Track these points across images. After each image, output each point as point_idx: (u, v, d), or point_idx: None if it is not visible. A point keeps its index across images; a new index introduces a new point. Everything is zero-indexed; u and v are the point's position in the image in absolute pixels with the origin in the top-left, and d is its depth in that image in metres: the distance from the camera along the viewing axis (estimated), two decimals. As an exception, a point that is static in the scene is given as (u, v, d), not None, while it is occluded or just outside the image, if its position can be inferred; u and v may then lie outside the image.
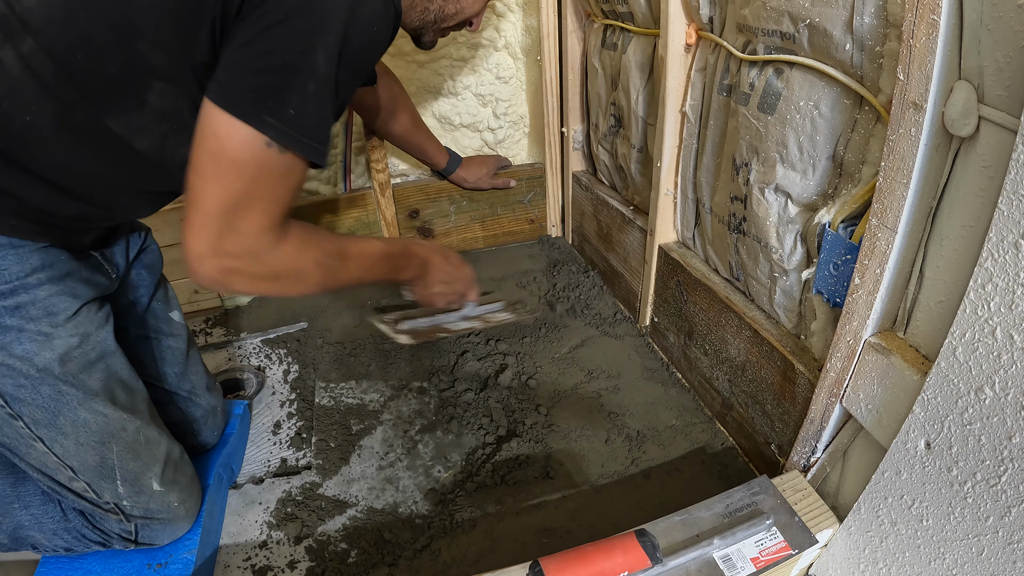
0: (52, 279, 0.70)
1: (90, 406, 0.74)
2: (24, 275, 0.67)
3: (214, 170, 0.63)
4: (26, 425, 0.71)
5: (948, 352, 0.56)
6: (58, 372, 0.71)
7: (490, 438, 1.07)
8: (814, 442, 0.80)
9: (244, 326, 1.42)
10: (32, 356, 0.69)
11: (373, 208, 1.52)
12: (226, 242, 0.65)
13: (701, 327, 1.07)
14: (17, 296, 0.67)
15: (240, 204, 0.64)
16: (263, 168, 0.63)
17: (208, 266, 0.66)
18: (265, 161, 0.63)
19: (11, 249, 0.66)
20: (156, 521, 0.82)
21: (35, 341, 0.69)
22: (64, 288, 0.71)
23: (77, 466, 0.75)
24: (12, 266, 0.66)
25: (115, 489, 0.78)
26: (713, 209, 1.00)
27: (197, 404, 0.96)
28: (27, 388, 0.70)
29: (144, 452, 0.80)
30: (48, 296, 0.69)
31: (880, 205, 0.61)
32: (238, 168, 0.62)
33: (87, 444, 0.75)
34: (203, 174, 0.63)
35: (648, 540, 0.71)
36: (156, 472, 0.81)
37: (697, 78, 0.97)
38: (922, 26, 0.52)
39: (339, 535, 0.92)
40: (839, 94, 0.70)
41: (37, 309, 0.69)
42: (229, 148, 0.61)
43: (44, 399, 0.71)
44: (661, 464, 1.01)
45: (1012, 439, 0.52)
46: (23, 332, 0.68)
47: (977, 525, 0.57)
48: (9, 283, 0.66)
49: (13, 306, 0.67)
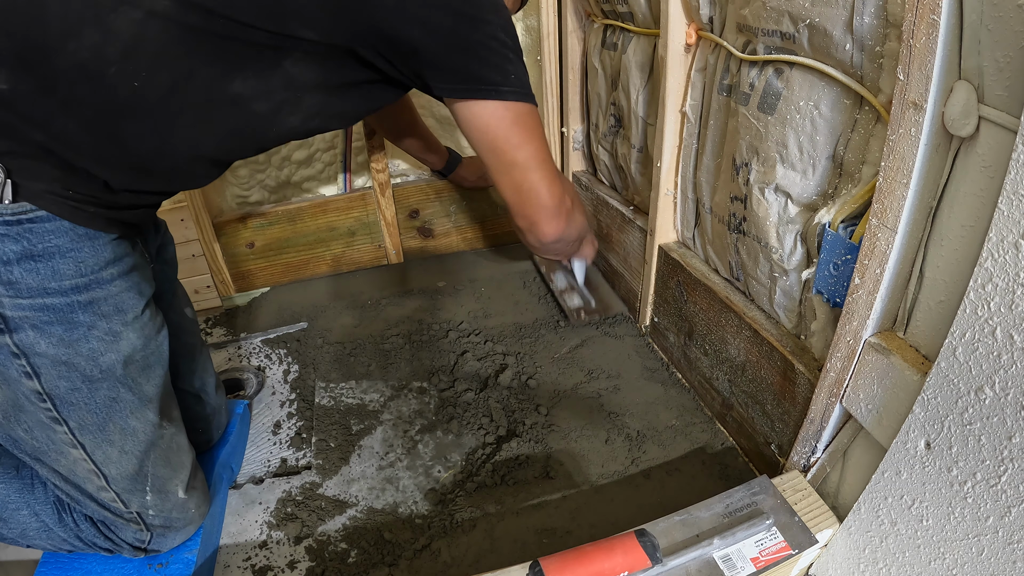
0: (123, 274, 0.69)
1: (142, 414, 0.73)
2: (99, 268, 0.66)
3: (518, 145, 0.83)
4: (70, 431, 0.69)
5: (948, 352, 0.56)
6: (120, 374, 0.69)
7: (490, 438, 1.07)
8: (814, 442, 0.80)
9: (244, 326, 1.42)
10: (98, 356, 0.67)
11: (373, 208, 1.52)
12: (566, 190, 0.93)
13: (701, 327, 1.07)
14: (92, 291, 0.65)
15: (550, 158, 0.88)
16: (536, 119, 0.84)
17: (565, 218, 0.93)
18: (532, 114, 0.83)
19: (88, 240, 0.64)
20: (172, 529, 0.81)
21: (103, 340, 0.67)
22: (132, 284, 0.70)
23: (113, 474, 0.73)
24: (89, 258, 0.64)
25: (143, 498, 0.77)
26: (713, 209, 1.00)
27: (206, 402, 0.96)
28: (83, 392, 0.68)
29: (175, 459, 0.79)
30: (120, 292, 0.68)
31: (880, 205, 0.61)
32: (530, 130, 0.83)
33: (131, 452, 0.74)
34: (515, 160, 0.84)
35: (648, 540, 0.71)
36: (182, 479, 0.80)
37: (697, 78, 0.97)
38: (922, 26, 0.52)
39: (339, 535, 0.92)
40: (839, 94, 0.70)
41: (109, 305, 0.67)
42: (511, 118, 0.80)
43: (98, 404, 0.69)
44: (661, 464, 1.01)
45: (1012, 439, 0.52)
46: (92, 330, 0.66)
47: (977, 525, 0.57)
48: (85, 276, 0.64)
49: (87, 301, 0.65)
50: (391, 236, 1.58)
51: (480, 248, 1.69)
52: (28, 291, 0.62)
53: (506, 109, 0.80)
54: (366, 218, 1.53)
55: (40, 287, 0.63)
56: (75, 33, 0.58)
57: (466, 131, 0.84)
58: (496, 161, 0.85)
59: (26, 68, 0.58)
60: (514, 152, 0.83)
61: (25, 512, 0.79)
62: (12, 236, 0.60)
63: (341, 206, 1.49)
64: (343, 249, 1.56)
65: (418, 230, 1.61)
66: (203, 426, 0.96)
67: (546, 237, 0.93)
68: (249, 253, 1.47)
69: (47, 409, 0.67)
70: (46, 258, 0.62)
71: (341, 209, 1.50)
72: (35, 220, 0.61)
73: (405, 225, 1.58)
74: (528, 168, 0.85)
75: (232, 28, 0.62)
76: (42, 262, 0.62)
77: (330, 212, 1.49)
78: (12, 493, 0.79)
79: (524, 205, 0.90)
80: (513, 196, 0.89)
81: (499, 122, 0.80)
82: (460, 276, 1.56)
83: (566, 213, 0.93)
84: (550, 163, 0.88)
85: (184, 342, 0.93)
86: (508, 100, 0.79)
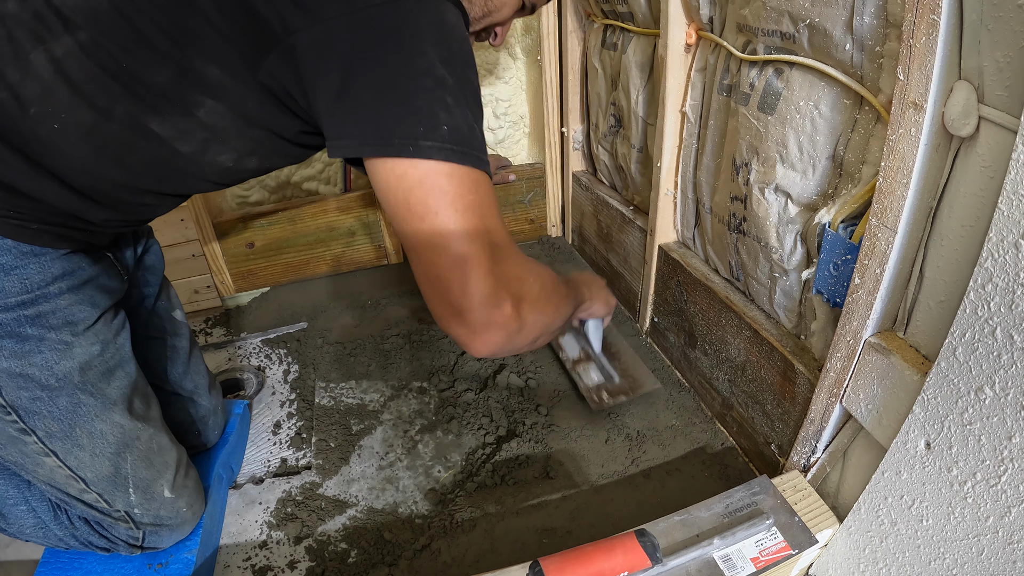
0: (72, 288, 0.69)
1: (107, 417, 0.73)
2: (45, 284, 0.66)
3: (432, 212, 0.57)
4: (39, 439, 0.69)
5: (948, 352, 0.56)
6: (77, 381, 0.69)
7: (490, 438, 1.07)
8: (814, 442, 0.80)
9: (244, 326, 1.42)
10: (52, 365, 0.67)
11: (373, 208, 1.52)
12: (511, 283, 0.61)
13: (701, 327, 1.07)
14: (38, 305, 0.65)
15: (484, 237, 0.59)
16: (476, 186, 0.59)
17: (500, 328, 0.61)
18: (471, 180, 0.58)
19: (33, 257, 0.64)
20: (164, 527, 0.81)
21: (55, 350, 0.67)
22: (84, 297, 0.70)
23: (90, 477, 0.74)
24: (34, 275, 0.64)
25: (127, 498, 0.77)
26: (713, 209, 1.00)
27: (199, 404, 0.96)
28: (44, 400, 0.68)
29: (157, 460, 0.79)
30: (69, 305, 0.68)
31: (880, 205, 0.61)
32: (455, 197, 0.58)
33: (103, 455, 0.74)
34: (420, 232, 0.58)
35: (648, 540, 0.71)
36: (168, 479, 0.80)
37: (697, 78, 0.97)
38: (922, 26, 0.52)
39: (339, 535, 0.92)
40: (839, 94, 0.70)
41: (57, 318, 0.67)
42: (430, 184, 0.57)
43: (61, 411, 0.69)
44: (661, 464, 1.01)
45: (1012, 439, 0.52)
46: (43, 341, 0.66)
47: (977, 525, 0.57)
48: (31, 292, 0.64)
49: (34, 315, 0.65)
50: (391, 236, 1.57)
51: (480, 248, 1.68)
52: None
53: (421, 168, 0.57)
54: (366, 218, 1.53)
55: None
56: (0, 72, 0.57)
57: (379, 199, 0.65)
58: (398, 225, 0.60)
59: None
60: (421, 216, 0.58)
61: (23, 508, 0.79)
62: None
63: (341, 206, 1.49)
64: (343, 249, 1.56)
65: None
66: (199, 428, 0.96)
67: (474, 352, 0.63)
68: (249, 253, 1.47)
69: (13, 421, 0.68)
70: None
71: (341, 209, 1.50)
72: None
73: (405, 225, 1.58)
74: (436, 248, 0.58)
75: (138, 69, 0.59)
76: None
77: (330, 212, 1.49)
78: (10, 489, 0.79)
79: (433, 302, 0.61)
80: (421, 286, 0.62)
81: (410, 183, 0.57)
82: (460, 276, 1.56)
83: (505, 323, 0.61)
84: (483, 245, 0.59)
85: (173, 345, 0.93)
86: (429, 159, 0.56)
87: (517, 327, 0.62)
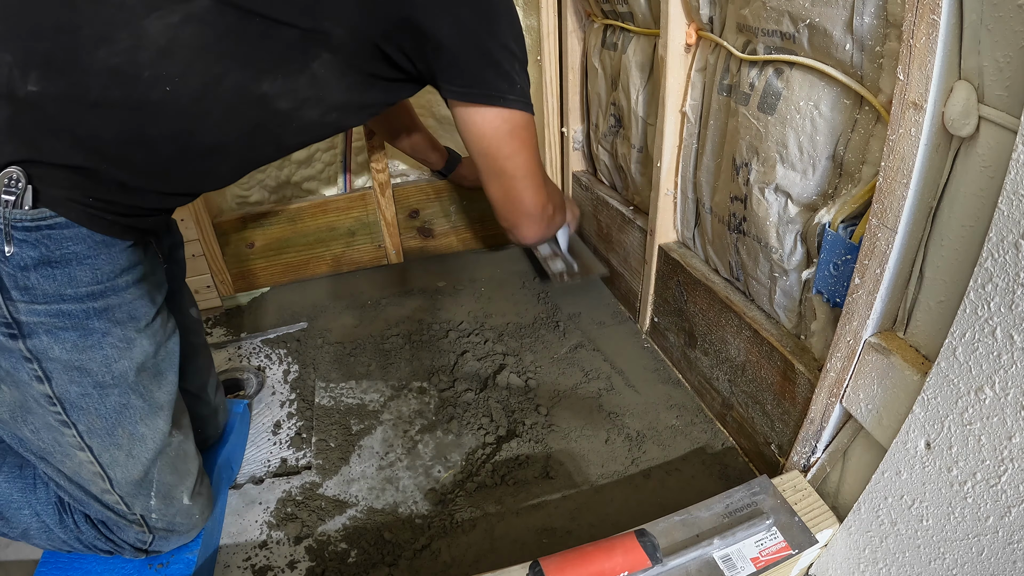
0: (136, 281, 0.69)
1: (152, 421, 0.73)
2: (115, 275, 0.66)
3: (511, 154, 0.87)
4: (78, 434, 0.69)
5: (948, 352, 0.56)
6: (132, 381, 0.69)
7: (490, 438, 1.07)
8: (814, 442, 0.80)
9: (244, 326, 1.42)
10: (111, 363, 0.67)
11: (373, 208, 1.52)
12: (550, 198, 0.99)
13: (701, 327, 1.07)
14: (107, 298, 0.65)
15: (540, 166, 0.93)
16: (532, 130, 0.88)
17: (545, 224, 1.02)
18: (529, 124, 0.87)
19: (104, 248, 0.64)
20: (175, 533, 0.81)
21: (116, 347, 0.67)
22: (144, 292, 0.70)
23: (117, 478, 0.73)
24: (105, 265, 0.65)
25: (147, 502, 0.77)
26: (713, 209, 1.00)
27: (205, 402, 0.96)
28: (93, 397, 0.68)
29: (181, 466, 0.79)
30: (133, 299, 0.68)
31: (880, 205, 0.61)
32: (524, 140, 0.87)
33: (139, 458, 0.74)
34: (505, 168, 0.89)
35: (648, 540, 0.71)
36: (188, 486, 0.80)
37: (697, 78, 0.97)
38: (922, 26, 0.52)
39: (339, 535, 0.92)
40: (839, 94, 0.70)
41: (123, 312, 0.67)
42: (509, 127, 0.84)
43: (108, 409, 0.69)
44: (661, 464, 1.01)
45: (1012, 439, 0.52)
46: (107, 336, 0.66)
47: (977, 525, 0.57)
48: (101, 283, 0.64)
49: (102, 308, 0.65)
50: (391, 236, 1.57)
51: (480, 248, 1.69)
52: (44, 297, 0.62)
53: (507, 117, 0.83)
54: (366, 218, 1.53)
55: (56, 293, 0.63)
56: (107, 38, 0.58)
57: (464, 133, 0.87)
58: (488, 166, 0.90)
59: (57, 71, 0.58)
60: (506, 160, 0.88)
61: (27, 512, 0.79)
62: (31, 242, 0.61)
63: (341, 206, 1.49)
64: (343, 249, 1.56)
65: (418, 230, 1.61)
66: (201, 425, 0.96)
67: (526, 240, 1.03)
68: (249, 253, 1.47)
69: (56, 412, 0.67)
70: (63, 264, 0.62)
71: (341, 209, 1.50)
72: (54, 227, 0.61)
73: (405, 225, 1.58)
74: (516, 177, 0.91)
75: (267, 27, 0.63)
76: (59, 268, 0.62)
77: (330, 212, 1.49)
78: (15, 492, 0.79)
79: (509, 210, 0.97)
80: (500, 200, 0.95)
81: (497, 130, 0.84)
82: (460, 276, 1.56)
83: (547, 219, 1.01)
84: (538, 172, 0.94)
85: (188, 341, 0.93)
86: (511, 108, 0.82)
87: (552, 221, 1.04)
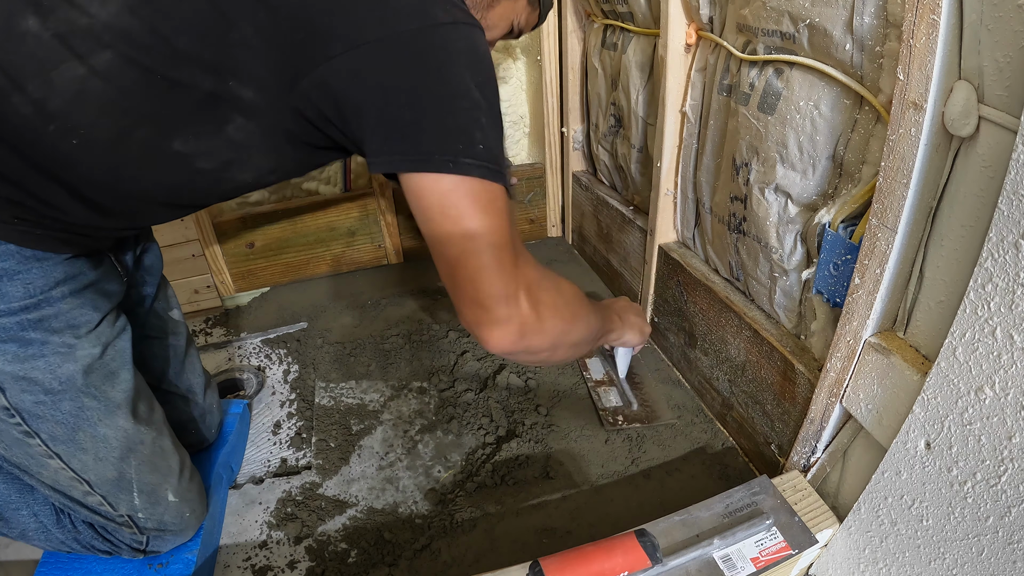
0: (75, 292, 0.69)
1: (111, 420, 0.73)
2: (48, 288, 0.66)
3: (464, 216, 0.61)
4: (43, 442, 0.70)
5: (948, 352, 0.56)
6: (81, 384, 0.70)
7: (490, 438, 1.07)
8: (814, 442, 0.80)
9: (244, 326, 1.42)
10: (55, 369, 0.67)
11: (373, 208, 1.52)
12: (531, 286, 0.66)
13: (701, 327, 1.07)
14: (41, 310, 0.65)
15: (510, 243, 0.64)
16: (500, 202, 0.63)
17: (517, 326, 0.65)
18: (498, 195, 0.62)
19: (36, 262, 0.64)
20: (168, 532, 0.81)
21: (58, 354, 0.67)
22: (86, 300, 0.70)
23: (94, 480, 0.74)
24: (37, 279, 0.65)
25: (131, 502, 0.77)
26: (713, 209, 1.00)
27: (195, 403, 0.96)
28: (47, 404, 0.68)
29: (161, 464, 0.79)
30: (71, 309, 0.68)
31: (880, 205, 0.61)
32: (486, 206, 0.62)
33: (107, 459, 0.74)
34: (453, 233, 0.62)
35: (648, 540, 0.71)
36: (172, 484, 0.80)
37: (697, 78, 0.97)
38: (922, 26, 0.52)
39: (339, 535, 0.92)
40: (839, 94, 0.70)
41: (60, 322, 0.67)
42: (462, 194, 0.60)
43: (64, 415, 0.69)
44: (661, 464, 1.01)
45: (1012, 439, 0.52)
46: (46, 345, 0.66)
47: (977, 525, 0.57)
48: (34, 297, 0.65)
49: (37, 319, 0.65)
50: (391, 236, 1.58)
51: (480, 248, 1.68)
52: None
53: (459, 183, 0.60)
54: (366, 218, 1.53)
55: None
56: (20, 86, 0.57)
57: (412, 208, 0.65)
58: (431, 232, 0.63)
59: None
60: (455, 224, 0.62)
61: (25, 512, 0.79)
62: None
63: (341, 206, 1.49)
64: (343, 249, 1.56)
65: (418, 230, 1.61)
66: (194, 427, 0.97)
67: (490, 347, 0.66)
68: (249, 253, 1.47)
69: (17, 424, 0.68)
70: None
71: (341, 209, 1.50)
72: None
73: (405, 225, 1.58)
74: (471, 250, 0.62)
75: (169, 86, 0.59)
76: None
77: (330, 212, 1.49)
78: (12, 493, 0.79)
79: (459, 297, 0.65)
80: (448, 282, 0.65)
81: (445, 195, 0.61)
82: (460, 276, 1.56)
83: (522, 319, 0.65)
84: (508, 249, 0.64)
85: (170, 344, 0.93)
86: (467, 175, 0.60)
87: (533, 325, 0.66)
